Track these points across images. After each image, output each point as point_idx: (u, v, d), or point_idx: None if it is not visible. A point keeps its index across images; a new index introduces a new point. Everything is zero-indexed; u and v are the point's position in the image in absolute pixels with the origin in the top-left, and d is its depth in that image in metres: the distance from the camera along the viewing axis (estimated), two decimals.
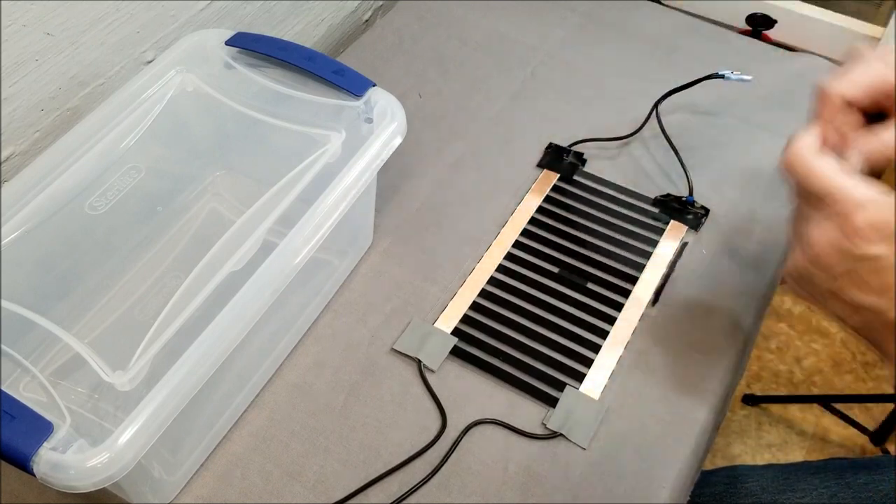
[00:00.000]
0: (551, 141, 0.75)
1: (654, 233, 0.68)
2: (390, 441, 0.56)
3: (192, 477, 0.54)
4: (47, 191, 0.53)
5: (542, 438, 0.56)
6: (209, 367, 0.45)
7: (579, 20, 0.88)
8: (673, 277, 0.65)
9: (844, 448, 1.32)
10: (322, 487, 0.54)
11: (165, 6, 0.68)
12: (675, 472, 0.55)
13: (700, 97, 0.78)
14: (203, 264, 0.50)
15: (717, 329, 0.62)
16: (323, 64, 0.59)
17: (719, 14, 1.05)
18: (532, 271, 0.66)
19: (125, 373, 0.45)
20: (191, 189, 0.67)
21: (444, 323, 0.62)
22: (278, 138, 0.60)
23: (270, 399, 0.58)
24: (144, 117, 0.58)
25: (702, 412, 0.58)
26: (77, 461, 0.40)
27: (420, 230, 0.69)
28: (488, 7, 0.89)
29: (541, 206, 0.70)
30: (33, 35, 0.59)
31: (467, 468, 0.55)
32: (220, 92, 0.60)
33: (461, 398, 0.58)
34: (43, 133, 0.64)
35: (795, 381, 1.39)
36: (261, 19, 0.79)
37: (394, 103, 0.58)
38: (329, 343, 0.61)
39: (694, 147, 0.74)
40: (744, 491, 0.71)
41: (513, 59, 0.83)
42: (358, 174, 0.53)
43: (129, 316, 0.60)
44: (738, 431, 1.33)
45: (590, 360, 0.60)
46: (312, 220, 0.50)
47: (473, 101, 0.79)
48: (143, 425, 0.41)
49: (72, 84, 0.64)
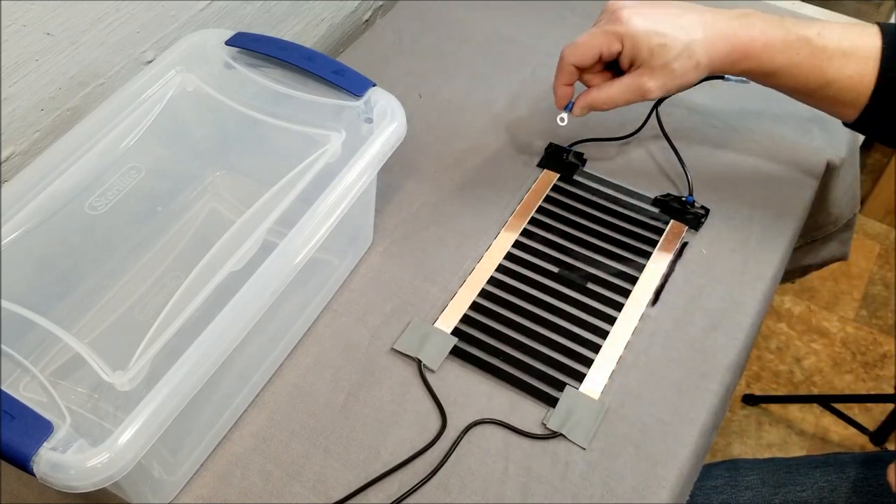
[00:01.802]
0: (551, 141, 0.75)
1: (654, 233, 0.68)
2: (390, 441, 0.56)
3: (192, 477, 0.54)
4: (47, 191, 0.53)
5: (542, 438, 0.56)
6: (209, 367, 0.45)
7: (579, 20, 0.87)
8: (673, 277, 0.65)
9: (844, 448, 1.32)
10: (322, 487, 0.54)
11: (165, 6, 0.68)
12: (675, 472, 0.55)
13: (700, 97, 0.78)
14: (203, 264, 0.50)
15: (717, 329, 0.62)
16: (323, 64, 0.59)
17: None
18: (532, 271, 0.66)
19: (125, 373, 0.45)
20: (191, 189, 0.67)
21: (444, 323, 0.62)
22: (278, 138, 0.60)
23: (270, 399, 0.58)
24: (144, 117, 0.58)
25: (702, 412, 0.58)
26: (77, 461, 0.40)
27: (420, 230, 0.69)
28: (488, 7, 0.89)
29: (541, 206, 0.70)
30: (33, 35, 0.59)
31: (467, 468, 0.55)
32: (220, 92, 0.60)
33: (461, 398, 0.58)
34: (43, 133, 0.64)
35: (795, 381, 1.39)
36: (261, 19, 0.79)
37: (394, 103, 0.58)
38: (329, 343, 0.61)
39: (694, 147, 0.74)
40: (744, 484, 0.71)
41: (513, 59, 0.83)
42: (358, 174, 0.53)
43: (129, 316, 0.60)
44: (738, 431, 1.33)
45: (590, 360, 0.60)
46: (312, 220, 0.50)
47: (473, 101, 0.79)
48: (143, 425, 0.41)
49: (72, 84, 0.64)
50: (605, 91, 0.61)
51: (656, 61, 0.58)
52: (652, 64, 0.58)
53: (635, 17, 0.58)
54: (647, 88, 0.59)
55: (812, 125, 0.76)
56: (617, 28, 0.59)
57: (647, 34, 0.58)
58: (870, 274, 1.55)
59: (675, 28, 0.58)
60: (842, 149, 0.75)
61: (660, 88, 0.59)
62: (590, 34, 0.60)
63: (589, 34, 0.60)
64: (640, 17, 0.59)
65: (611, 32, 0.59)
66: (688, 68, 0.58)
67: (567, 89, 0.63)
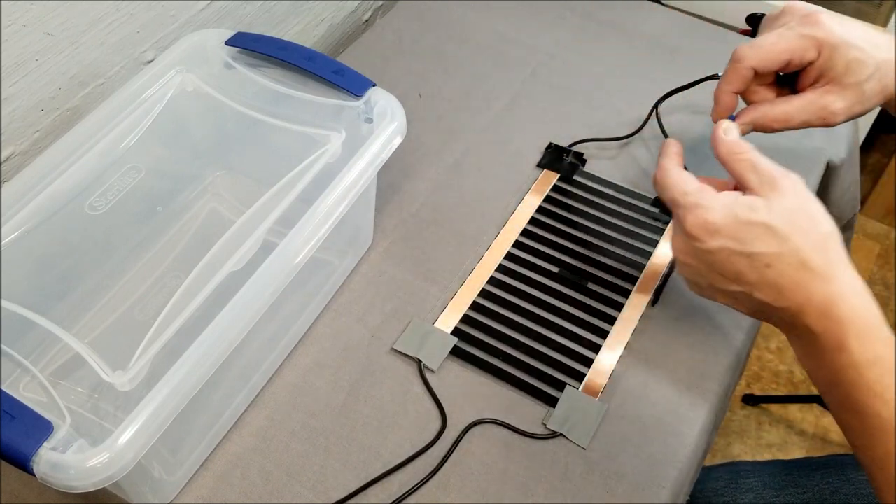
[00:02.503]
0: (551, 141, 0.75)
1: (654, 233, 0.68)
2: (390, 441, 0.56)
3: (192, 477, 0.54)
4: (47, 191, 0.53)
5: (542, 438, 0.56)
6: (209, 367, 0.45)
7: (579, 20, 0.88)
8: (673, 277, 0.65)
9: (844, 448, 1.32)
10: (322, 487, 0.54)
11: (165, 6, 0.68)
12: (675, 472, 0.55)
13: (700, 97, 0.77)
14: (203, 264, 0.50)
15: (717, 329, 0.62)
16: (323, 64, 0.59)
17: (719, 14, 1.05)
18: (532, 271, 0.66)
19: (125, 373, 0.45)
20: (191, 189, 0.67)
21: (444, 323, 0.62)
22: (278, 138, 0.60)
23: (270, 399, 0.58)
24: (144, 117, 0.58)
25: (702, 412, 0.58)
26: (77, 461, 0.40)
27: (420, 230, 0.69)
28: (488, 7, 0.89)
29: (541, 206, 0.70)
30: (33, 35, 0.59)
31: (467, 468, 0.55)
32: (220, 92, 0.60)
33: (461, 398, 0.58)
34: (43, 133, 0.64)
35: (795, 381, 1.39)
36: (261, 19, 0.79)
37: (394, 103, 0.58)
38: (329, 343, 0.61)
39: (694, 147, 0.74)
40: (745, 486, 0.71)
41: (513, 59, 0.83)
42: (358, 174, 0.53)
43: (129, 316, 0.60)
44: (738, 431, 1.33)
45: (590, 360, 0.60)
46: (312, 220, 0.50)
47: (473, 101, 0.79)
48: (143, 425, 0.41)
49: (72, 84, 0.64)
50: (780, 107, 0.54)
51: (849, 78, 0.51)
52: (844, 81, 0.51)
53: (835, 24, 0.50)
54: (833, 110, 0.52)
55: None
56: (816, 33, 0.51)
57: (846, 45, 0.50)
58: (870, 274, 1.55)
59: (869, 43, 0.51)
60: (842, 149, 0.75)
61: (845, 112, 0.52)
62: (779, 35, 0.52)
63: (778, 35, 0.52)
64: (839, 24, 0.51)
65: (808, 37, 0.51)
66: (876, 91, 0.52)
67: (733, 99, 0.55)
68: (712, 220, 0.44)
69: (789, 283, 0.43)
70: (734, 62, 0.53)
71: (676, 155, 0.51)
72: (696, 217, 0.45)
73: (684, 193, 0.46)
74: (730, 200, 0.45)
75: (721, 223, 0.44)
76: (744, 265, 0.44)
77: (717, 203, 0.45)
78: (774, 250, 0.43)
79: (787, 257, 0.43)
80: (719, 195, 0.46)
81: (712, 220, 0.44)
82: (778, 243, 0.43)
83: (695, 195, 0.46)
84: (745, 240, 0.44)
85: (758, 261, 0.44)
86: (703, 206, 0.45)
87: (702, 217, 0.45)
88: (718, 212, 0.44)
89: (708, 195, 0.46)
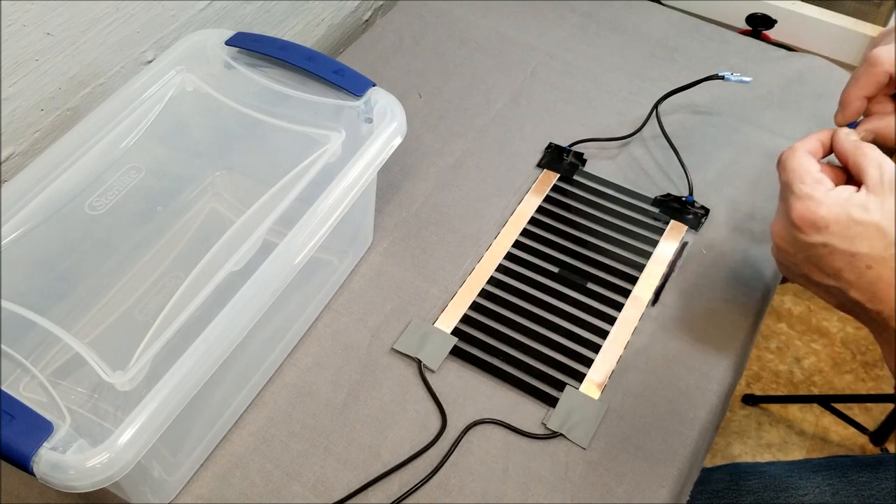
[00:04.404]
0: (551, 141, 0.75)
1: (654, 233, 0.68)
2: (390, 441, 0.56)
3: (192, 477, 0.54)
4: (47, 191, 0.53)
5: (542, 438, 0.56)
6: (209, 367, 0.45)
7: (579, 20, 0.88)
8: (673, 277, 0.65)
9: (844, 448, 1.32)
10: (322, 487, 0.54)
11: (165, 6, 0.68)
12: (675, 472, 0.55)
13: (700, 97, 0.78)
14: (203, 264, 0.50)
15: (717, 329, 0.62)
16: (323, 64, 0.59)
17: (719, 14, 1.05)
18: (532, 271, 0.66)
19: (125, 373, 0.45)
20: (191, 189, 0.67)
21: (444, 323, 0.62)
22: (278, 138, 0.60)
23: (270, 399, 0.58)
24: (144, 117, 0.58)
25: (702, 412, 0.58)
26: (77, 461, 0.40)
27: (420, 230, 0.69)
28: (488, 7, 0.89)
29: (541, 206, 0.70)
30: (33, 35, 0.59)
31: (467, 468, 0.55)
32: (220, 92, 0.60)
33: (461, 398, 0.58)
34: (43, 133, 0.64)
35: (795, 381, 1.39)
36: (261, 19, 0.79)
37: (394, 103, 0.58)
38: (329, 343, 0.61)
39: (694, 147, 0.74)
40: (745, 488, 0.70)
41: (513, 59, 0.83)
42: (358, 174, 0.53)
43: (129, 316, 0.60)
44: (738, 431, 1.33)
45: (590, 360, 0.60)
46: (312, 220, 0.50)
47: (473, 101, 0.79)
48: (143, 425, 0.41)
49: (72, 84, 0.64)
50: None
51: None
52: None
53: None
54: None
55: (812, 125, 0.76)
56: None
57: None
58: None
59: None
60: None
61: None
62: None
63: None
64: None
65: None
66: None
67: (863, 103, 0.52)
68: (822, 216, 0.44)
69: (886, 287, 0.43)
70: (870, 65, 0.49)
71: (818, 141, 0.50)
72: (807, 209, 0.45)
73: (801, 181, 0.46)
74: (843, 198, 0.45)
75: (831, 219, 0.44)
76: (844, 263, 0.44)
77: (829, 199, 0.45)
78: (879, 253, 0.43)
79: (890, 262, 0.43)
80: (833, 191, 0.45)
81: (822, 216, 0.44)
82: (885, 246, 0.43)
83: (810, 186, 0.45)
84: (852, 238, 0.44)
85: (860, 261, 0.44)
86: (815, 199, 0.45)
87: (812, 210, 0.45)
88: (830, 208, 0.44)
89: (822, 188, 0.45)
